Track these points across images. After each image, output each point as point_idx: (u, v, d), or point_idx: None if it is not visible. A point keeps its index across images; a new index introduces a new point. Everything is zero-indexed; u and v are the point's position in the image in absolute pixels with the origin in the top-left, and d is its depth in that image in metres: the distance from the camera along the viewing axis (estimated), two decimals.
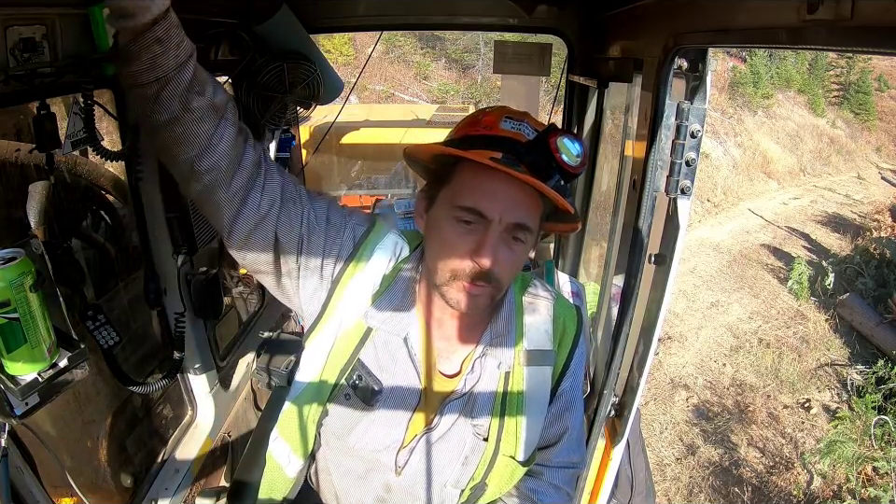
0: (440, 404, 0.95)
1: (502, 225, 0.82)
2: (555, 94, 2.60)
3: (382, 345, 0.94)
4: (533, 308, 1.00)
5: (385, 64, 12.78)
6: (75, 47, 1.18)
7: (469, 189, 0.83)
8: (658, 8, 1.30)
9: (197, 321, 1.95)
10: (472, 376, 0.95)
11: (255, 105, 2.10)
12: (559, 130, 0.84)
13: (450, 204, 0.84)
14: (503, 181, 0.80)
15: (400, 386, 0.94)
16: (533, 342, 0.98)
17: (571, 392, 1.03)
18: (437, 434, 0.96)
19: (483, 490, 0.99)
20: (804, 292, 7.52)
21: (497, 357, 0.96)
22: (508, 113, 0.86)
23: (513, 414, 0.96)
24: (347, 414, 0.96)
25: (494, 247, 0.81)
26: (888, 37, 0.59)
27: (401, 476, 0.97)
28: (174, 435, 1.95)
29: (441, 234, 0.85)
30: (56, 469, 1.28)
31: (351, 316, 0.94)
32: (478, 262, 0.81)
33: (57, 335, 1.12)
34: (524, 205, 0.82)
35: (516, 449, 0.97)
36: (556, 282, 2.11)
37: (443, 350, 0.96)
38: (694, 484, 4.33)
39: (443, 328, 0.96)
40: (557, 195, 0.79)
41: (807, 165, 15.20)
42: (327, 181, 4.27)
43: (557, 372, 1.01)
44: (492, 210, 0.81)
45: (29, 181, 1.35)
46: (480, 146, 0.82)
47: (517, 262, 0.87)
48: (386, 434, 0.96)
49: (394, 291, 0.95)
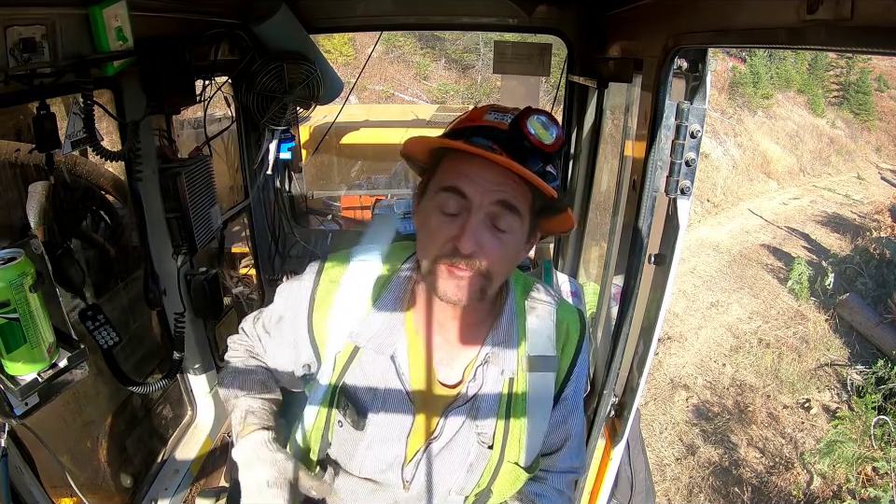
0: (442, 412, 0.95)
1: (484, 208, 0.81)
2: (555, 94, 2.60)
3: (369, 365, 0.94)
4: (535, 313, 1.00)
5: (385, 64, 12.78)
6: (75, 47, 1.18)
7: (450, 173, 0.84)
8: (658, 8, 1.30)
9: (197, 321, 1.95)
10: (475, 383, 0.95)
11: (255, 106, 2.10)
12: (533, 110, 0.84)
13: (434, 191, 0.85)
14: (483, 165, 0.81)
15: (390, 407, 0.94)
16: (536, 347, 0.97)
17: (574, 398, 1.03)
18: (441, 443, 0.95)
19: (487, 496, 0.98)
20: (803, 292, 7.52)
21: (500, 363, 0.95)
22: (495, 108, 0.88)
23: (518, 421, 0.96)
24: (345, 441, 0.96)
25: (475, 231, 0.81)
26: (888, 37, 0.59)
27: (409, 490, 0.97)
28: (173, 435, 1.95)
29: (428, 225, 0.85)
30: (56, 469, 1.28)
31: (341, 340, 0.95)
32: (459, 245, 0.81)
33: (57, 335, 1.12)
34: (506, 187, 0.82)
35: (520, 455, 0.96)
36: (555, 282, 2.11)
37: (445, 357, 0.96)
38: (694, 484, 4.33)
39: (445, 330, 0.95)
40: (534, 176, 0.79)
41: (807, 165, 15.21)
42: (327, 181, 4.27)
43: (561, 378, 1.00)
44: (472, 190, 0.81)
45: (29, 181, 1.35)
46: (465, 136, 0.83)
47: (505, 252, 0.85)
48: (387, 453, 0.95)
49: (386, 299, 0.95)
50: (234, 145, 2.36)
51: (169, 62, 1.56)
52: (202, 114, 2.00)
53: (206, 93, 1.90)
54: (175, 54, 1.59)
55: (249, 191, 2.40)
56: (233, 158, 2.40)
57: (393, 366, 0.94)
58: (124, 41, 1.27)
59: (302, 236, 2.74)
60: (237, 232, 2.69)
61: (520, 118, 0.82)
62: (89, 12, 1.19)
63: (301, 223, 2.81)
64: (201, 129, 2.04)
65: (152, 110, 1.57)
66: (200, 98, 1.84)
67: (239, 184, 2.44)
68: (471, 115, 0.88)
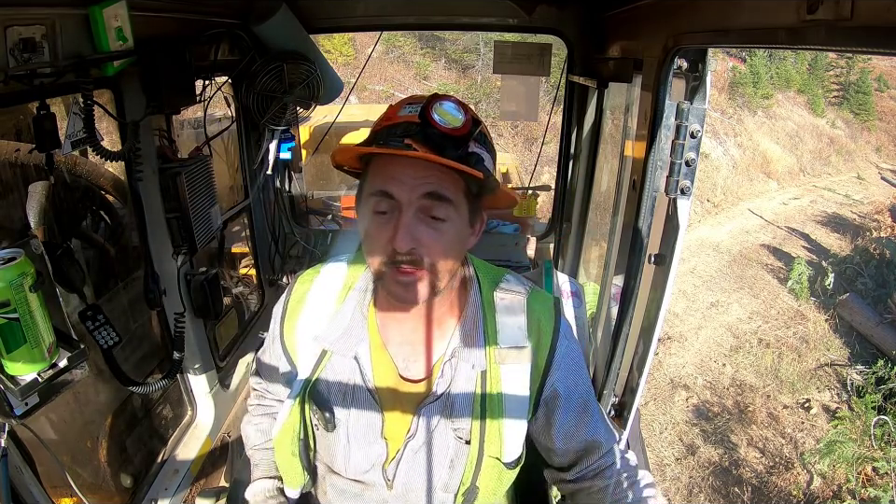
0: (414, 410, 0.95)
1: (413, 205, 0.82)
2: (555, 94, 2.60)
3: (338, 366, 0.96)
4: (505, 305, 0.98)
5: (385, 64, 12.79)
6: (75, 47, 1.18)
7: (377, 177, 0.84)
8: (658, 8, 1.30)
9: (197, 321, 1.95)
10: (443, 379, 0.94)
11: (255, 106, 2.10)
12: (438, 97, 0.84)
13: (366, 196, 0.87)
14: (404, 163, 0.81)
15: (358, 406, 0.95)
16: (507, 339, 0.96)
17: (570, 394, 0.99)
18: (419, 441, 0.95)
19: (475, 493, 0.98)
20: (803, 292, 7.52)
21: (469, 358, 0.94)
22: (410, 100, 0.88)
23: (494, 415, 0.94)
24: (326, 443, 0.98)
25: (409, 228, 0.81)
26: (888, 37, 0.59)
27: (393, 489, 0.97)
28: (173, 435, 1.95)
29: (367, 230, 0.87)
30: (56, 469, 1.28)
31: (310, 345, 0.97)
32: (395, 246, 0.81)
33: (57, 335, 1.12)
34: (431, 178, 0.82)
35: (501, 451, 0.96)
36: (555, 282, 2.11)
37: (410, 354, 0.96)
38: (694, 484, 4.33)
39: (407, 327, 0.95)
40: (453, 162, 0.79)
41: (807, 165, 15.21)
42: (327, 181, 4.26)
43: (540, 369, 0.97)
44: (398, 189, 0.82)
45: (29, 181, 1.35)
46: (381, 137, 0.84)
47: (446, 242, 0.84)
48: (368, 453, 0.96)
49: (349, 300, 0.97)
50: (234, 145, 2.36)
51: (169, 62, 1.56)
52: (202, 114, 2.00)
53: (206, 93, 1.90)
54: (175, 54, 1.59)
55: (249, 191, 2.40)
56: (233, 158, 2.40)
57: (357, 366, 0.95)
58: (124, 41, 1.27)
59: (302, 236, 2.74)
60: (237, 232, 2.69)
61: (425, 108, 0.82)
62: (89, 12, 1.19)
63: (300, 223, 2.81)
64: (201, 129, 2.04)
65: (152, 110, 1.57)
66: (200, 98, 1.84)
67: (239, 184, 2.44)
68: (388, 113, 0.89)
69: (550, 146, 6.88)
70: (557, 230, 2.64)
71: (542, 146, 6.78)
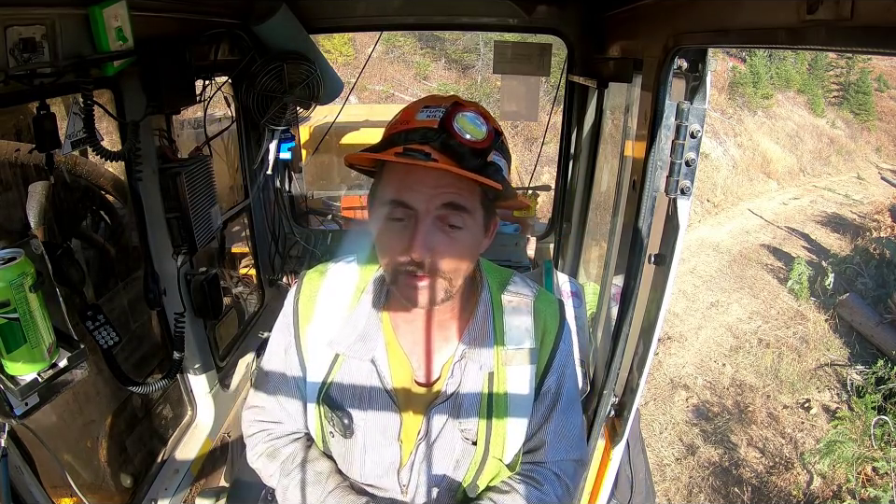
0: (425, 411, 0.95)
1: (430, 214, 0.81)
2: (555, 94, 2.60)
3: (355, 371, 0.95)
4: (513, 306, 0.99)
5: (385, 64, 12.78)
6: (75, 47, 1.18)
7: (393, 184, 0.83)
8: (658, 8, 1.30)
9: (197, 321, 1.95)
10: (453, 380, 0.94)
11: (255, 106, 2.10)
12: (460, 105, 0.82)
13: (380, 203, 0.85)
14: (421, 172, 0.80)
15: (376, 409, 0.94)
16: (514, 341, 0.97)
17: (557, 389, 1.00)
18: (429, 442, 0.95)
19: (474, 491, 0.99)
20: (803, 292, 7.52)
21: (477, 359, 0.94)
22: (427, 102, 0.86)
23: (500, 416, 0.95)
24: (341, 450, 0.97)
25: (426, 237, 0.80)
26: (888, 37, 0.59)
27: (407, 495, 0.97)
28: (173, 435, 1.95)
29: (381, 235, 0.86)
30: (56, 469, 1.28)
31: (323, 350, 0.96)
32: (412, 256, 0.81)
33: (57, 335, 1.12)
34: (450, 188, 0.81)
35: (503, 451, 0.96)
36: (555, 282, 2.10)
37: (422, 355, 0.96)
38: (694, 484, 4.33)
39: (419, 328, 0.95)
40: (474, 175, 0.78)
41: (807, 165, 15.21)
42: (327, 181, 4.27)
43: (541, 370, 0.99)
44: (416, 199, 0.80)
45: (29, 181, 1.35)
46: (399, 142, 0.82)
47: (462, 249, 0.84)
48: (383, 457, 0.96)
49: (363, 303, 0.96)
50: (234, 145, 2.36)
51: (169, 62, 1.56)
52: (202, 114, 2.00)
53: (206, 93, 1.90)
54: (175, 54, 1.59)
55: (249, 191, 2.40)
56: (233, 158, 2.40)
57: (374, 368, 0.94)
58: (124, 41, 1.27)
59: (302, 236, 2.74)
60: (237, 232, 2.69)
61: (446, 118, 0.80)
62: (89, 12, 1.19)
63: (300, 223, 2.81)
64: (201, 129, 2.04)
65: (152, 110, 1.57)
66: (200, 98, 1.84)
67: (239, 184, 2.44)
68: (405, 115, 0.86)
69: (550, 146, 6.88)
70: (557, 230, 2.64)
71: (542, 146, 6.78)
